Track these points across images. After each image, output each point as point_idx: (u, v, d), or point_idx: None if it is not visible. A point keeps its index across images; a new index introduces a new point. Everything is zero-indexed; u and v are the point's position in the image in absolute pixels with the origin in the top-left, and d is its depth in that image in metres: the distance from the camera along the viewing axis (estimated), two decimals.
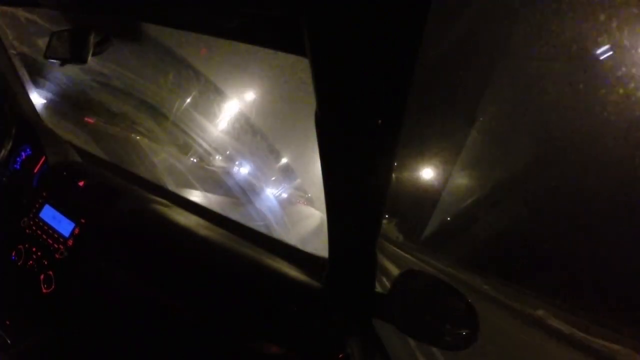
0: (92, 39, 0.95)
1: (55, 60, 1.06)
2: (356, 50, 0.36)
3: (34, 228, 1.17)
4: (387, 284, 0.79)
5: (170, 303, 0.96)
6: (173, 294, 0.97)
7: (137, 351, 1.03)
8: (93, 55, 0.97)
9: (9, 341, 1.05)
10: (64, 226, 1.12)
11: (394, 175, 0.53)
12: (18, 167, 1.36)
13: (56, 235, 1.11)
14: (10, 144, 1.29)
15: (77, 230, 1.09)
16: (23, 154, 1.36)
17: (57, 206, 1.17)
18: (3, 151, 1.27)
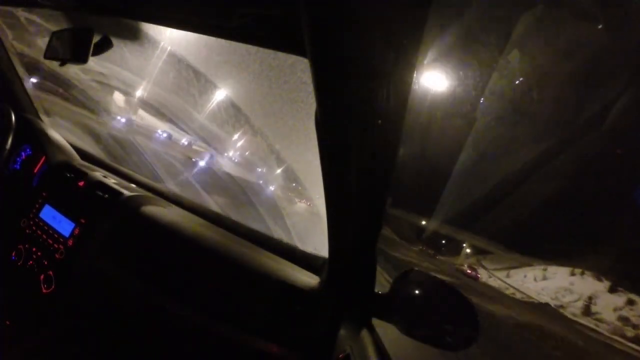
0: (92, 39, 0.95)
1: (55, 60, 1.06)
2: (356, 50, 0.36)
3: (34, 228, 1.17)
4: (387, 284, 0.79)
5: (169, 303, 0.96)
6: (173, 293, 0.97)
7: (136, 351, 1.03)
8: (93, 55, 0.97)
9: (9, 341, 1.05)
10: (64, 226, 1.12)
11: (393, 175, 0.53)
12: (18, 167, 1.35)
13: (56, 235, 1.11)
14: (10, 144, 1.28)
15: (77, 230, 1.09)
16: (23, 154, 1.36)
17: (57, 206, 1.17)
18: (3, 151, 1.27)
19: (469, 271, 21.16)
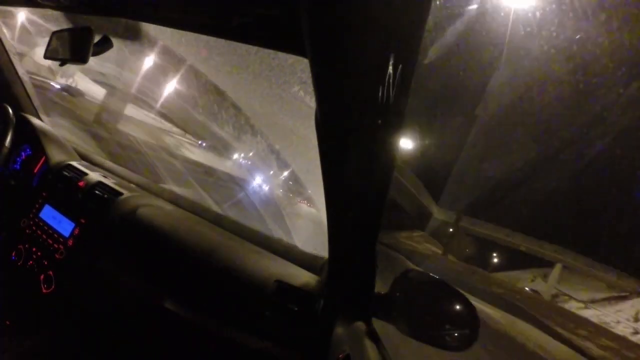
0: (92, 39, 0.95)
1: (55, 60, 1.06)
2: (356, 50, 0.36)
3: (34, 228, 1.17)
4: (387, 284, 0.79)
5: (169, 303, 0.96)
6: (172, 293, 0.97)
7: (136, 351, 1.03)
8: (93, 55, 0.97)
9: (9, 341, 1.05)
10: (64, 226, 1.12)
11: (394, 175, 0.53)
12: (18, 167, 1.36)
13: (56, 235, 1.11)
14: (10, 143, 1.28)
15: (77, 230, 1.09)
16: (23, 154, 1.36)
17: (57, 206, 1.17)
18: (3, 151, 1.27)
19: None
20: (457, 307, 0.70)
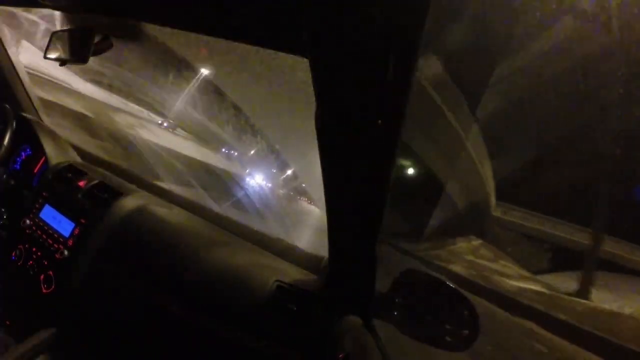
0: (92, 39, 0.95)
1: (55, 60, 1.06)
2: (356, 50, 0.36)
3: (34, 228, 1.17)
4: (388, 284, 0.79)
5: (169, 303, 0.96)
6: (172, 293, 0.97)
7: (136, 351, 1.03)
8: (93, 55, 0.97)
9: (9, 341, 1.05)
10: (64, 226, 1.12)
11: (394, 175, 0.53)
12: (18, 167, 1.36)
13: (56, 235, 1.11)
14: (10, 144, 1.28)
15: (77, 230, 1.09)
16: (23, 154, 1.36)
17: (57, 206, 1.17)
18: (3, 151, 1.27)
19: None
20: (458, 307, 0.70)
